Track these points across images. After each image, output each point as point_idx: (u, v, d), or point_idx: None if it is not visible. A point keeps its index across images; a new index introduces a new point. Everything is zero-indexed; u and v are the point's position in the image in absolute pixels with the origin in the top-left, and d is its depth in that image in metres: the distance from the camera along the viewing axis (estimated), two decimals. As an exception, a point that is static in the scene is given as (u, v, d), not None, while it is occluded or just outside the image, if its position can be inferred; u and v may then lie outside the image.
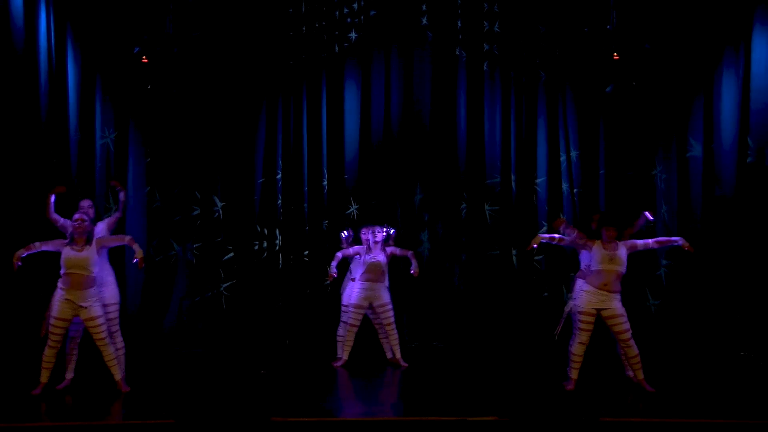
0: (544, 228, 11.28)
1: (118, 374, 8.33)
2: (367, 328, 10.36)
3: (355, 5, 11.45)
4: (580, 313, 8.33)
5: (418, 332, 11.18)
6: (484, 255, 11.41)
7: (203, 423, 7.16)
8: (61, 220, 8.62)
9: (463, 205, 11.47)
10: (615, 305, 8.26)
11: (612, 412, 7.60)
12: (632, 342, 8.30)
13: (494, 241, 11.41)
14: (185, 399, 8.08)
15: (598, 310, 8.26)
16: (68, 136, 10.57)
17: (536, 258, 11.34)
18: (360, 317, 9.89)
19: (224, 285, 11.36)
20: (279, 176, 11.49)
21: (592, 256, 8.35)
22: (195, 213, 11.39)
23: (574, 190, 11.39)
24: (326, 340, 10.79)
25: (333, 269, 9.81)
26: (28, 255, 8.17)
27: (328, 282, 10.15)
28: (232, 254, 11.40)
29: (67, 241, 8.14)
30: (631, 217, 9.06)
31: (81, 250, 8.06)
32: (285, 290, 11.36)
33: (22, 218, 9.80)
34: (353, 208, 11.42)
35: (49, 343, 8.15)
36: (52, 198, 8.60)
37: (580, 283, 8.48)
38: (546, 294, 11.29)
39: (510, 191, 11.46)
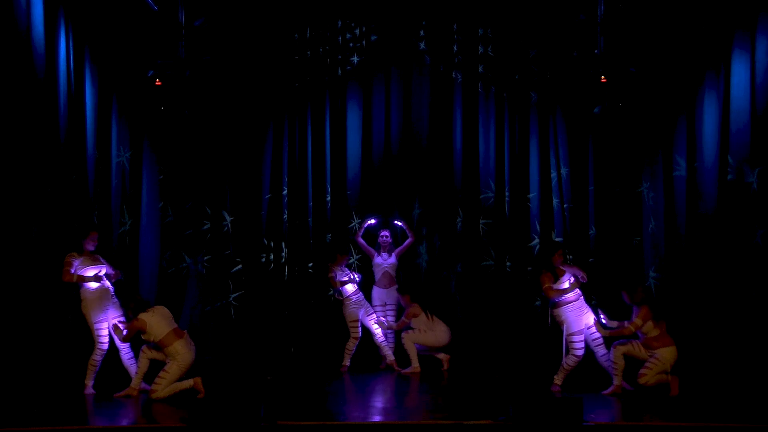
0: (536, 241, 11.59)
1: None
2: (367, 335, 10.73)
3: (357, 31, 11.75)
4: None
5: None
6: (479, 266, 11.62)
7: (213, 427, 7.31)
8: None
9: (459, 219, 11.71)
10: None
11: (600, 416, 7.84)
12: None
13: (488, 253, 11.64)
14: (196, 404, 8.09)
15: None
16: (86, 155, 10.61)
17: (529, 269, 11.55)
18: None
19: (233, 295, 11.60)
20: (285, 192, 11.75)
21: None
22: (205, 227, 11.63)
23: (565, 206, 11.58)
24: (329, 348, 11.04)
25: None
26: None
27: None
28: (240, 266, 11.63)
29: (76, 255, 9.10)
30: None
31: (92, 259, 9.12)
32: (290, 300, 11.60)
33: (43, 234, 9.85)
34: (355, 222, 11.67)
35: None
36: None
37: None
38: (537, 303, 11.44)
39: (503, 206, 11.68)
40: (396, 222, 11.52)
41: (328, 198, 11.79)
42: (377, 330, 10.68)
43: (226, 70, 11.52)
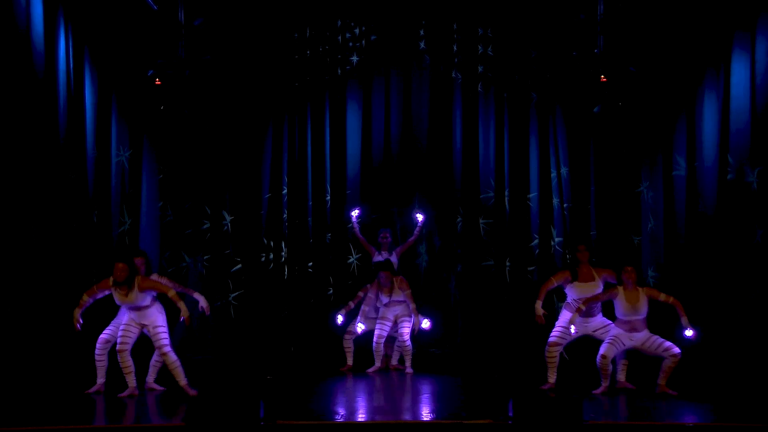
0: (536, 241, 11.63)
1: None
2: (365, 337, 10.69)
3: (357, 30, 11.78)
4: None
5: (416, 339, 11.04)
6: (479, 266, 11.64)
7: (212, 426, 7.22)
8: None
9: (459, 219, 11.72)
10: None
11: (599, 416, 7.83)
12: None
13: (488, 253, 11.65)
14: (195, 403, 8.06)
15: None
16: (85, 154, 10.63)
17: (529, 269, 11.61)
18: None
19: (233, 295, 11.63)
20: (285, 192, 11.76)
21: (617, 305, 8.89)
22: (205, 227, 11.66)
23: (565, 205, 11.60)
24: (329, 347, 11.04)
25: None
26: (84, 311, 8.66)
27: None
28: (240, 266, 11.66)
29: (110, 284, 8.66)
30: None
31: (126, 294, 8.64)
32: (290, 300, 11.61)
33: (42, 233, 9.84)
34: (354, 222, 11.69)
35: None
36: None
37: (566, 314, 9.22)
38: (537, 303, 11.61)
39: (503, 206, 11.70)
40: (416, 215, 11.32)
41: (328, 197, 11.80)
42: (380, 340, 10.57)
43: (225, 70, 11.56)
